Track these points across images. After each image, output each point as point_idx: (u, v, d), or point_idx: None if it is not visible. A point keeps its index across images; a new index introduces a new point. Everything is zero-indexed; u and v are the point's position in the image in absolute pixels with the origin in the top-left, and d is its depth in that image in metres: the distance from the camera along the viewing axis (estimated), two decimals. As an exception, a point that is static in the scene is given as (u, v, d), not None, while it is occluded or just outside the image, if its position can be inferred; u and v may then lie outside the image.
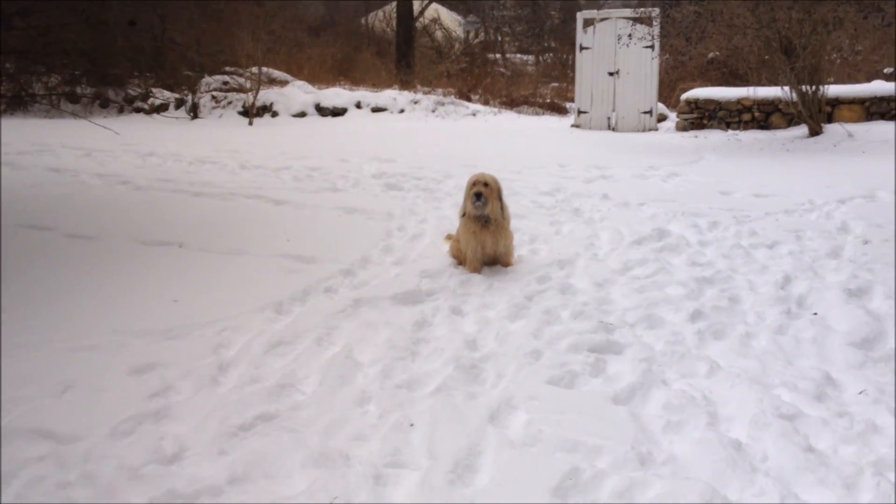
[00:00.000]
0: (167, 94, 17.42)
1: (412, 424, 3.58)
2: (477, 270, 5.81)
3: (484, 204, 5.69)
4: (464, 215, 5.85)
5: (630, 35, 14.81)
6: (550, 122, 17.11)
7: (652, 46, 15.29)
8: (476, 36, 38.81)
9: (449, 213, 7.63)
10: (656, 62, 15.62)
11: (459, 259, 6.04)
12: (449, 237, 6.50)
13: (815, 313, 4.90)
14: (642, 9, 15.02)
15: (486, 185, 5.72)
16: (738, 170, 9.97)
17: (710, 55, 15.83)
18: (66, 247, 6.37)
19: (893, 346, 4.32)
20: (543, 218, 7.38)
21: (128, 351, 4.35)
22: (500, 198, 5.81)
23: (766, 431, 3.44)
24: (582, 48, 15.85)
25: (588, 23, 15.85)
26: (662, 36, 14.52)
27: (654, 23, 14.97)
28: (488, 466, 3.26)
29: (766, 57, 12.24)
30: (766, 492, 3.01)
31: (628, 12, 15.71)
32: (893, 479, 3.02)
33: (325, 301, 5.26)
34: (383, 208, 7.79)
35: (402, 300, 5.26)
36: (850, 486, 3.04)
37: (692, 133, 14.51)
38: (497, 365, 4.24)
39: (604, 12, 15.86)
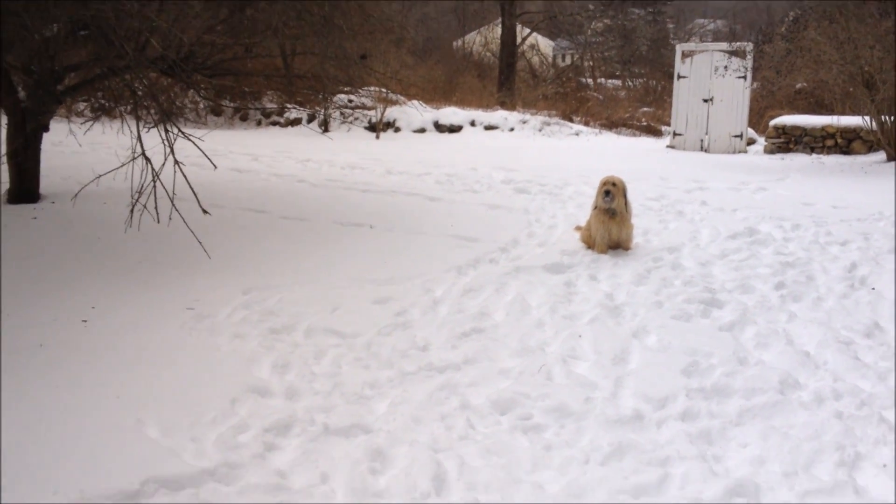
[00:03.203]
0: (300, 109, 19.60)
1: (580, 336, 5.28)
2: (604, 252, 7.45)
3: (612, 199, 7.34)
4: (595, 208, 7.50)
5: (725, 66, 16.36)
6: (647, 142, 18.67)
7: (745, 77, 16.74)
8: (565, 60, 40.51)
9: (573, 211, 9.28)
10: (748, 91, 17.04)
11: (588, 244, 7.67)
12: (578, 228, 8.16)
13: (873, 288, 6.39)
14: (737, 43, 16.47)
15: (614, 184, 7.38)
16: (820, 187, 11.38)
17: (798, 86, 17.15)
18: (283, 225, 8.28)
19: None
20: (652, 217, 8.98)
21: (366, 291, 6.16)
22: (624, 195, 7.46)
23: (827, 349, 5.02)
24: (679, 77, 17.37)
25: (686, 54, 17.39)
26: (755, 68, 16.03)
27: (748, 56, 16.50)
28: (636, 359, 4.93)
29: (850, 89, 13.59)
30: (824, 379, 4.60)
31: (724, 45, 17.19)
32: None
33: (492, 267, 6.98)
34: (519, 206, 9.51)
35: (550, 269, 6.93)
36: (882, 378, 4.60)
37: (779, 156, 15.89)
38: (631, 309, 5.88)
39: (701, 46, 17.38)
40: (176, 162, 5.91)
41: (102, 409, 3.98)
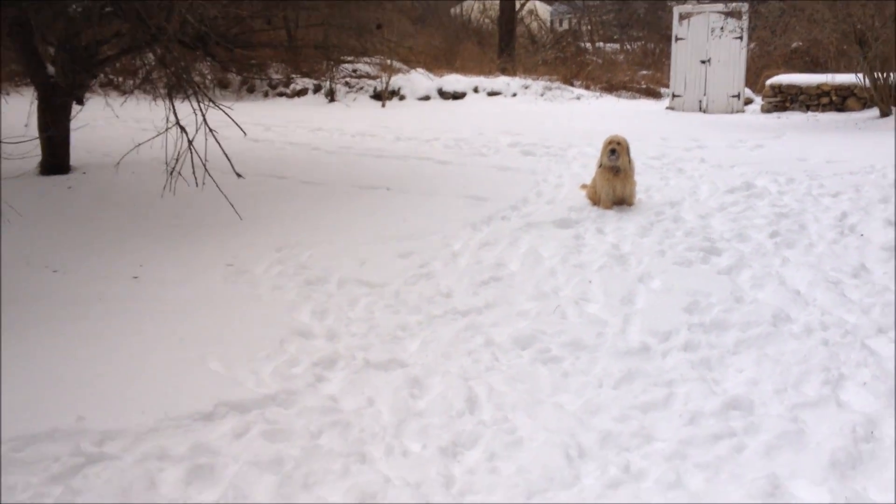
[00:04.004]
0: (306, 80, 19.97)
1: (590, 281, 5.76)
2: (609, 207, 7.90)
3: (617, 157, 7.77)
4: (600, 166, 7.94)
5: (722, 28, 16.69)
6: (647, 104, 19.04)
7: (741, 37, 17.06)
8: (563, 25, 40.65)
9: (578, 171, 9.71)
10: (744, 51, 17.37)
11: (594, 200, 8.11)
12: (584, 186, 8.59)
13: (862, 234, 6.85)
14: (733, 3, 16.78)
15: (618, 143, 7.80)
16: (815, 143, 11.78)
17: (794, 45, 17.49)
18: (304, 189, 8.73)
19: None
20: (654, 175, 9.42)
21: (390, 246, 6.62)
22: (628, 153, 7.89)
23: (816, 288, 5.49)
24: (677, 38, 17.70)
25: (683, 16, 17.70)
26: (750, 28, 16.39)
27: (744, 16, 16.83)
28: (642, 299, 5.41)
29: (843, 47, 13.96)
30: (813, 313, 5.07)
31: (720, 6, 17.48)
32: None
33: (505, 224, 7.43)
34: (526, 167, 9.94)
35: (559, 224, 7.38)
36: (866, 311, 5.08)
37: (775, 115, 16.27)
38: (636, 257, 6.34)
39: (698, 7, 17.67)
40: (210, 130, 6.34)
41: (168, 348, 4.47)
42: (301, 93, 20.08)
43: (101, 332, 4.69)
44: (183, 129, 6.48)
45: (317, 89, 19.94)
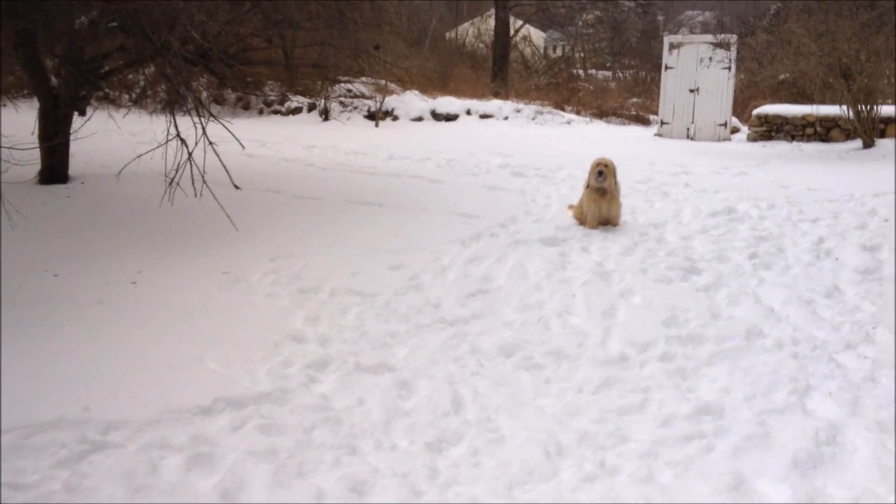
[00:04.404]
0: (301, 98, 20.25)
1: (574, 295, 5.98)
2: (595, 227, 8.14)
3: (604, 179, 8.02)
4: (587, 187, 8.19)
5: (710, 58, 17.09)
6: (636, 131, 19.37)
7: (729, 68, 17.45)
8: (556, 51, 41.17)
9: (566, 192, 9.97)
10: (732, 81, 17.75)
11: (580, 220, 8.35)
12: (571, 206, 8.83)
13: (837, 258, 7.10)
14: (722, 35, 17.17)
15: (606, 165, 8.06)
16: (798, 172, 12.09)
17: (781, 77, 17.88)
18: (298, 203, 8.96)
19: (886, 273, 6.51)
20: (639, 198, 9.68)
21: (381, 259, 6.83)
22: (614, 176, 8.14)
23: (790, 306, 5.73)
24: (667, 67, 18.07)
25: (673, 46, 18.08)
26: (738, 59, 16.78)
27: (732, 48, 17.24)
28: (622, 314, 5.64)
29: (829, 80, 14.32)
30: (785, 329, 5.30)
31: (709, 38, 17.89)
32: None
33: (493, 241, 7.66)
34: (515, 187, 10.19)
35: (545, 242, 7.60)
36: (836, 328, 5.31)
37: (761, 143, 16.61)
38: (619, 274, 6.57)
39: (688, 38, 18.06)
40: (210, 143, 6.56)
41: (167, 348, 4.66)
42: (296, 111, 20.35)
43: (102, 332, 4.88)
44: (183, 140, 6.69)
45: (311, 108, 20.22)
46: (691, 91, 17.84)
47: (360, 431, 3.87)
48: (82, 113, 9.00)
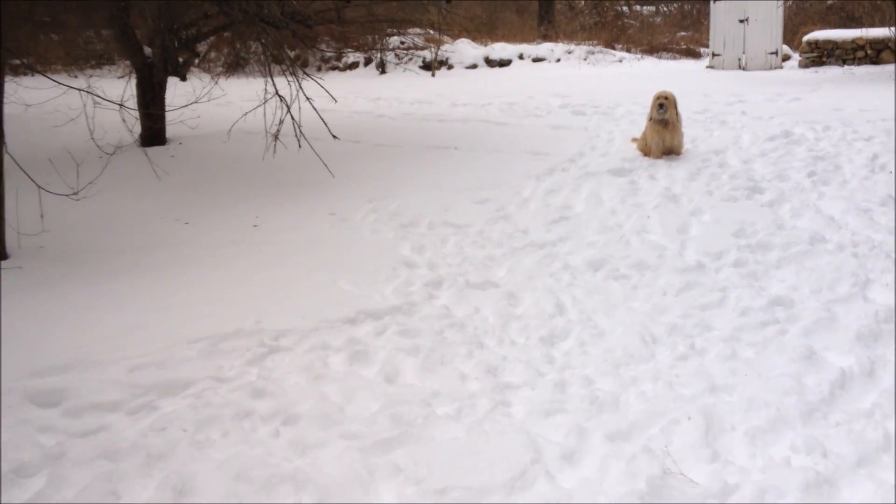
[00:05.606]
0: (357, 53, 20.85)
1: (648, 216, 6.61)
2: (659, 157, 8.69)
3: (665, 111, 8.55)
4: (650, 119, 8.73)
5: (760, -13, 17.30)
6: (687, 64, 19.66)
7: (778, -4, 17.64)
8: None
9: (626, 127, 10.49)
10: (781, 9, 17.91)
11: (645, 151, 8.90)
12: (634, 139, 9.38)
13: (891, 171, 7.59)
14: (769, -36, 17.31)
15: (666, 98, 8.58)
16: (850, 94, 12.42)
17: (829, 2, 17.98)
18: (379, 150, 9.65)
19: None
20: (698, 127, 10.17)
21: (467, 195, 7.49)
22: (675, 107, 8.67)
23: (848, 215, 6.29)
24: (715, 0, 18.29)
25: (721, -23, 18.27)
26: (787, -14, 16.97)
27: (781, -25, 17.40)
28: (695, 229, 6.25)
29: (877, 2, 14.48)
30: (845, 234, 5.87)
31: (758, -33, 18.01)
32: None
33: (565, 174, 8.27)
34: (578, 125, 10.75)
35: (614, 173, 8.18)
36: (891, 231, 5.86)
37: (812, 69, 16.84)
38: (687, 197, 7.15)
39: (736, -32, 18.19)
40: (307, 98, 7.25)
41: (304, 275, 5.43)
42: (352, 66, 20.98)
43: (245, 265, 5.66)
44: (282, 98, 7.39)
45: (367, 62, 20.82)
46: (741, 21, 18.04)
47: (482, 332, 4.59)
48: (183, 78, 9.75)
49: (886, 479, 2.98)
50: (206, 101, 8.41)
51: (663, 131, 8.60)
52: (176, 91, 10.45)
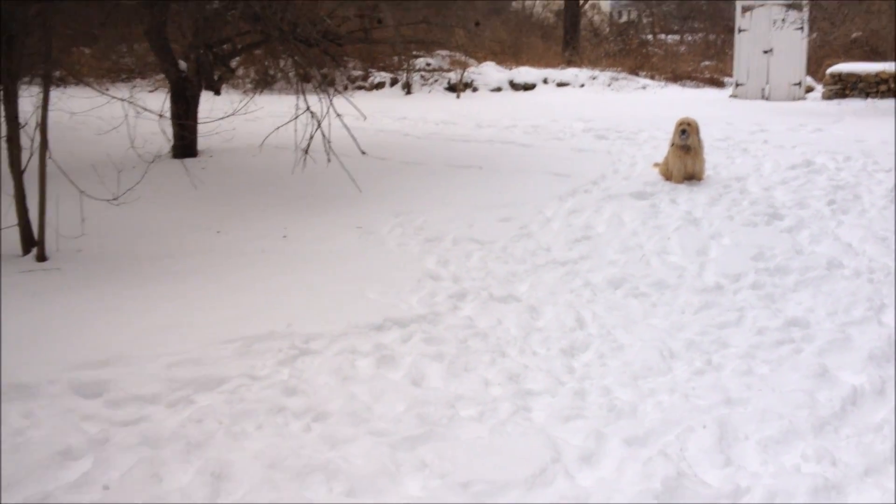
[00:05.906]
0: (383, 73, 21.19)
1: (669, 238, 6.75)
2: (680, 182, 8.83)
3: (687, 136, 8.71)
4: (672, 145, 8.88)
5: (783, 19, 17.44)
6: (711, 93, 19.80)
7: (802, 28, 17.76)
8: (622, 17, 41.25)
9: (649, 152, 10.64)
10: (805, 42, 18.04)
11: (666, 176, 9.04)
12: (656, 164, 9.54)
13: (911, 202, 7.70)
14: (794, -3, 17.50)
15: (689, 124, 8.74)
16: (872, 126, 12.51)
17: (854, 35, 18.09)
18: (406, 168, 9.87)
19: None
20: (720, 154, 10.31)
21: (491, 213, 7.66)
22: (697, 133, 8.82)
23: (866, 242, 6.41)
24: (740, 30, 18.44)
25: (746, 9, 18.41)
26: (811, 20, 17.08)
27: (805, 9, 17.54)
28: (714, 252, 6.39)
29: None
30: (862, 261, 5.99)
31: (782, 0, 18.18)
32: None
33: (587, 196, 8.42)
34: (601, 149, 10.92)
35: (636, 196, 8.33)
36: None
37: (836, 101, 16.93)
38: (707, 221, 7.29)
39: (760, 0, 18.36)
40: (338, 115, 7.46)
41: (332, 284, 5.62)
42: (379, 85, 21.28)
43: (274, 273, 5.86)
44: (313, 114, 7.61)
45: (393, 82, 21.12)
46: (765, 52, 18.18)
47: (504, 342, 4.74)
48: (217, 93, 10.02)
49: (891, 486, 3.11)
50: (241, 114, 8.61)
51: (685, 157, 8.76)
52: (210, 105, 10.72)
